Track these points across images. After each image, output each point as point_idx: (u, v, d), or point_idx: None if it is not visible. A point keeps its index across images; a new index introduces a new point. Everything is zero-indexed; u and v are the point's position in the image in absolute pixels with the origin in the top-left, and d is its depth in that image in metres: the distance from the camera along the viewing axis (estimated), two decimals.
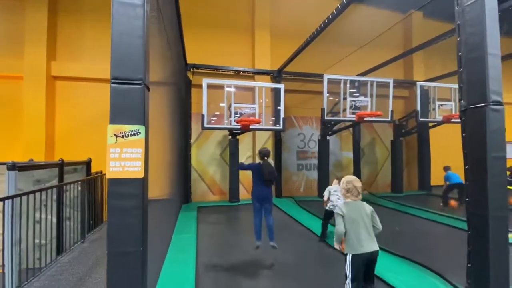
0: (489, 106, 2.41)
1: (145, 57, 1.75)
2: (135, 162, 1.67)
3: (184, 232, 4.97)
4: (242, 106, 6.75)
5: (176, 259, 3.75)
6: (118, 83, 1.67)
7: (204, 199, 8.18)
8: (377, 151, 10.22)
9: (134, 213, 1.65)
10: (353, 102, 7.01)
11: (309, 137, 9.49)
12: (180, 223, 5.58)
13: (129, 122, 1.68)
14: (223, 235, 4.97)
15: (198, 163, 8.30)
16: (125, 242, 1.64)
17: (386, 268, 3.46)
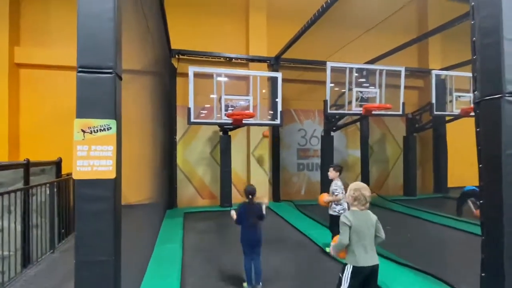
0: (505, 97, 2.46)
1: (117, 42, 1.77)
2: (105, 161, 1.69)
3: (168, 242, 4.99)
4: (234, 98, 6.77)
5: (158, 273, 3.78)
6: (86, 72, 1.68)
7: (191, 204, 8.21)
8: (388, 148, 10.32)
9: (105, 218, 1.68)
10: (360, 93, 7.06)
11: (311, 133, 9.54)
12: (164, 232, 5.60)
13: (99, 116, 1.70)
14: (213, 247, 5.00)
15: (184, 163, 8.32)
16: (95, 250, 1.67)
17: (395, 280, 3.54)
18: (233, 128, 7.50)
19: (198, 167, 8.45)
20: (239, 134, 8.57)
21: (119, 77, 1.83)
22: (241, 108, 6.93)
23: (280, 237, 5.50)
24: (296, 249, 4.84)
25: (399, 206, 7.90)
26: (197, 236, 5.56)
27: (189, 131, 8.30)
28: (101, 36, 1.71)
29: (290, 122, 9.37)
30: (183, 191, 8.22)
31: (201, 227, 6.12)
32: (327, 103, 6.86)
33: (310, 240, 5.19)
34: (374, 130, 10.02)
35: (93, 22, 1.71)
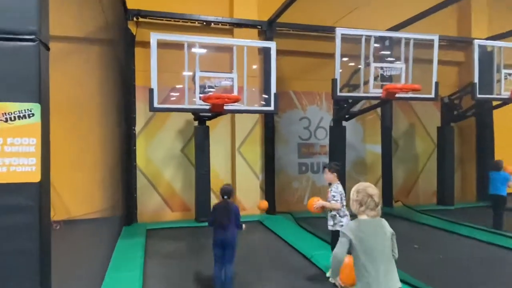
0: None
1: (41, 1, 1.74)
2: (27, 159, 1.68)
3: (124, 269, 4.98)
4: (214, 76, 6.73)
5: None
6: None
7: (157, 218, 8.21)
8: (418, 143, 10.45)
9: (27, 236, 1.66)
10: (381, 70, 7.11)
11: (316, 123, 9.58)
12: (119, 255, 5.58)
13: (17, 98, 1.68)
14: (185, 276, 4.98)
15: (147, 164, 8.28)
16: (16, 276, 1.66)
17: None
18: (212, 117, 7.48)
19: (166, 168, 8.42)
20: (220, 124, 8.56)
21: (45, 46, 1.81)
22: (223, 89, 6.90)
23: (274, 261, 5.54)
24: (295, 277, 4.86)
25: (431, 218, 8.05)
26: (163, 262, 5.55)
27: (153, 120, 8.25)
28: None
29: (289, 109, 9.39)
30: (145, 201, 8.20)
31: (169, 250, 6.10)
32: (337, 83, 6.89)
33: (314, 265, 5.24)
34: (399, 119, 10.13)
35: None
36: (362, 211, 2.42)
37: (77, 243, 6.56)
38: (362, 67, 7.15)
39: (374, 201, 2.41)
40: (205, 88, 6.59)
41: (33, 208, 1.73)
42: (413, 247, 6.04)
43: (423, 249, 5.97)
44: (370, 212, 2.40)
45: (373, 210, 2.41)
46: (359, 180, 9.81)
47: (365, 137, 10.01)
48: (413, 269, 4.80)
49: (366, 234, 2.35)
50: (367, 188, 2.46)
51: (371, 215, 2.41)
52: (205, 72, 6.62)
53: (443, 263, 5.33)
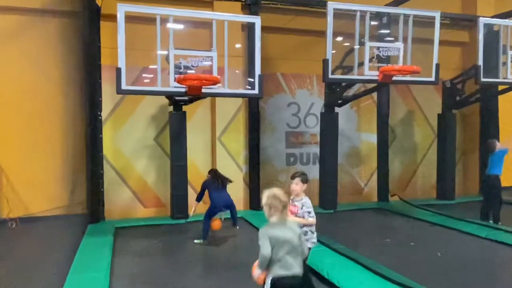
0: None
1: None
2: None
3: (89, 269, 4.95)
4: (190, 55, 6.65)
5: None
6: None
7: (127, 215, 8.19)
8: (417, 131, 10.59)
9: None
10: (377, 51, 7.15)
11: (306, 109, 9.61)
12: (82, 256, 5.54)
13: None
14: (158, 275, 4.99)
15: (116, 154, 8.21)
16: None
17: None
18: (189, 101, 7.44)
19: (137, 159, 8.37)
20: (198, 110, 8.55)
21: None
22: (201, 70, 6.85)
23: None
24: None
25: (429, 213, 8.20)
26: (133, 261, 5.56)
27: (121, 104, 8.15)
28: None
29: (276, 93, 9.39)
30: (114, 196, 8.15)
31: (140, 249, 6.09)
32: (329, 64, 6.92)
33: None
34: (397, 105, 10.24)
35: None
36: (271, 214, 2.93)
37: (36, 243, 6.50)
38: (357, 47, 7.18)
39: (282, 204, 2.93)
40: (180, 69, 6.53)
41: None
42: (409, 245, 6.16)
43: (420, 247, 6.07)
44: (279, 214, 2.93)
45: (281, 212, 2.94)
46: (352, 173, 10.01)
47: (360, 125, 10.10)
48: (408, 268, 4.92)
49: (278, 232, 2.88)
50: (274, 193, 2.97)
51: (280, 217, 2.93)
52: (181, 50, 6.57)
53: (441, 261, 5.41)
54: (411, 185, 10.56)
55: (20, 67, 7.50)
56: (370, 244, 6.23)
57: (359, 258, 5.20)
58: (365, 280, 4.51)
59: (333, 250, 5.59)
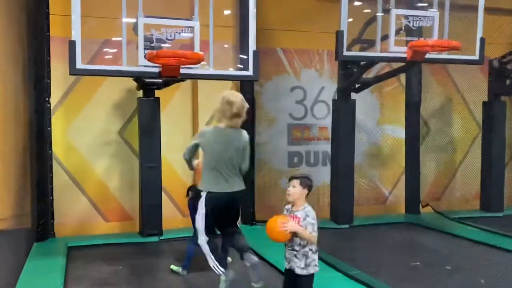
0: None
1: None
2: None
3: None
4: (165, 24, 6.63)
5: None
6: None
7: (83, 231, 8.19)
8: (456, 124, 10.63)
9: None
10: (405, 20, 7.16)
11: (314, 96, 9.64)
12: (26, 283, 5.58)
13: None
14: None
15: (69, 152, 8.20)
16: None
17: None
18: (163, 84, 7.45)
19: (97, 160, 8.37)
20: (176, 96, 8.60)
21: None
22: (180, 45, 6.89)
23: None
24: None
25: (470, 229, 8.26)
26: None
27: (76, 88, 8.12)
28: None
29: (276, 74, 9.40)
30: (66, 207, 8.12)
31: (100, 275, 6.07)
32: (343, 37, 6.92)
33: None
34: (431, 90, 10.25)
35: None
36: (219, 118, 3.60)
37: None
38: (380, 15, 7.19)
39: (231, 110, 3.49)
40: (152, 42, 6.53)
41: None
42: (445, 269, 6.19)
43: (459, 271, 6.11)
44: (227, 121, 3.51)
45: (229, 120, 3.52)
46: (373, 177, 10.02)
47: (383, 115, 10.13)
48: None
49: (215, 140, 3.55)
50: (229, 95, 3.64)
51: (226, 125, 3.53)
52: (153, 17, 6.56)
53: None
54: (448, 193, 10.61)
55: None
56: (395, 268, 6.25)
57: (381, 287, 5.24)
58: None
59: (349, 276, 5.63)
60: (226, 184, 3.70)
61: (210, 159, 3.63)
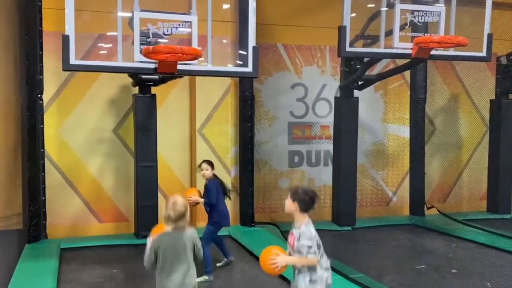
0: None
1: None
2: None
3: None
4: (162, 19, 6.61)
5: None
6: None
7: (76, 233, 8.19)
8: (463, 123, 10.61)
9: None
10: (410, 16, 7.15)
11: (316, 93, 9.62)
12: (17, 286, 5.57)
13: None
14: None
15: (62, 150, 8.20)
16: None
17: None
18: (160, 81, 7.45)
19: (91, 158, 8.37)
20: (173, 93, 8.59)
21: None
22: (177, 40, 6.86)
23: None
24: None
25: (477, 231, 8.23)
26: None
27: (69, 85, 8.13)
28: None
29: (276, 70, 9.38)
30: (59, 207, 8.13)
31: (94, 279, 6.08)
32: (346, 33, 6.91)
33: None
34: (436, 88, 10.25)
35: None
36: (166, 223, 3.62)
37: None
38: (384, 10, 7.18)
39: (171, 215, 3.53)
40: (149, 37, 6.53)
41: None
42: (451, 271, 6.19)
43: (465, 275, 6.10)
44: (170, 224, 3.58)
45: (172, 223, 3.57)
46: (376, 178, 10.00)
47: (387, 114, 10.11)
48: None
49: (165, 245, 3.58)
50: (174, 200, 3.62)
51: (171, 228, 3.60)
52: (149, 11, 6.54)
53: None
54: (454, 194, 10.59)
55: None
56: (399, 272, 6.24)
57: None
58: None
59: (350, 280, 5.63)
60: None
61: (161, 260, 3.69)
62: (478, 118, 10.64)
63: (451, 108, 10.53)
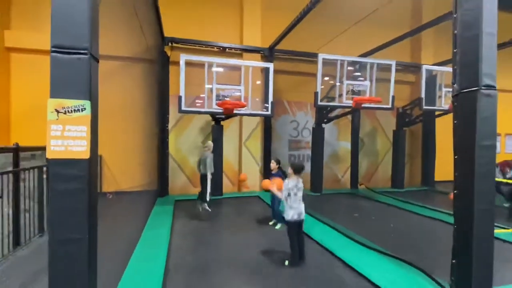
0: (481, 90, 2.50)
1: (93, 22, 1.73)
2: (79, 141, 1.69)
3: (157, 227, 5.02)
4: (225, 88, 6.72)
5: (145, 256, 3.83)
6: (60, 52, 1.66)
7: (183, 192, 8.24)
8: (378, 141, 10.40)
9: (79, 197, 1.68)
10: (351, 86, 7.06)
11: (303, 125, 9.57)
12: (154, 218, 5.63)
13: (73, 96, 1.68)
14: (201, 232, 5.04)
15: (177, 152, 8.31)
16: (69, 228, 1.69)
17: (372, 266, 3.63)
18: (224, 118, 7.47)
19: (190, 156, 8.42)
20: (231, 124, 8.58)
21: (95, 58, 1.81)
22: (234, 98, 6.90)
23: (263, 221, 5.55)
24: (280, 235, 4.79)
25: (386, 197, 8.02)
26: (186, 222, 5.59)
27: (182, 120, 8.26)
28: (75, 16, 1.67)
29: (283, 113, 9.36)
30: (175, 179, 8.23)
31: (190, 215, 6.13)
32: (318, 95, 6.86)
33: None
34: (365, 123, 10.07)
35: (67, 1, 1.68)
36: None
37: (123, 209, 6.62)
38: (337, 84, 7.12)
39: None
40: (220, 97, 6.61)
41: (83, 177, 1.74)
42: (371, 218, 6.02)
43: (378, 220, 5.94)
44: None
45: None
46: (333, 168, 9.66)
47: (339, 136, 9.97)
48: (369, 233, 4.82)
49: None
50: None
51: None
52: (220, 84, 6.64)
53: (393, 230, 5.30)
54: (374, 178, 10.35)
55: (117, 95, 7.69)
56: (344, 217, 6.12)
57: (336, 226, 5.15)
58: (339, 239, 4.47)
59: (319, 220, 5.56)
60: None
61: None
62: (386, 139, 10.38)
63: (372, 134, 10.31)
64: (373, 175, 10.37)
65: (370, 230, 5.15)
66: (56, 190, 1.68)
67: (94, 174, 1.83)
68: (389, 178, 10.01)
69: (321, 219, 5.60)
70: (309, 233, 4.78)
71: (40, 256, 3.81)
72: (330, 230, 4.97)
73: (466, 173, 2.60)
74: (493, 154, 2.52)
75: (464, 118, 2.63)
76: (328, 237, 4.63)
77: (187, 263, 3.81)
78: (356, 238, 4.51)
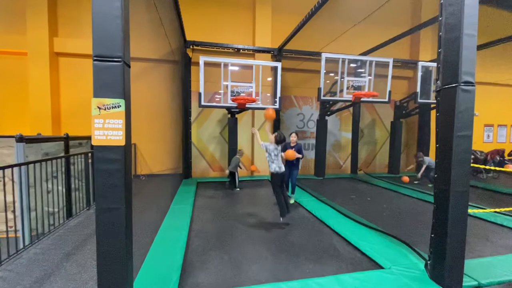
0: (460, 86, 2.50)
1: (125, 36, 1.90)
2: (116, 132, 1.88)
3: (182, 203, 5.28)
4: (239, 85, 6.79)
5: (171, 225, 4.11)
6: (100, 61, 1.84)
7: (203, 175, 8.49)
8: (377, 132, 10.22)
9: (117, 176, 1.89)
10: (351, 82, 6.97)
11: (308, 117, 9.53)
12: (179, 196, 5.90)
13: (111, 96, 1.86)
14: (218, 207, 5.27)
15: (198, 141, 8.52)
16: (109, 200, 1.91)
17: (363, 239, 3.74)
18: (238, 112, 7.50)
19: (210, 144, 8.61)
20: (245, 117, 8.67)
21: (127, 64, 1.97)
22: (246, 94, 6.95)
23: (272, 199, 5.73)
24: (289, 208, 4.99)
25: (382, 182, 7.97)
26: (206, 199, 5.82)
27: (202, 113, 8.42)
28: (111, 31, 1.84)
29: (290, 107, 9.34)
30: (197, 164, 8.47)
31: (210, 193, 6.33)
32: (321, 91, 6.83)
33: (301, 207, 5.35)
34: (365, 115, 9.91)
35: (104, 20, 1.83)
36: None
37: (155, 188, 6.93)
38: (339, 80, 7.06)
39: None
40: (234, 93, 6.68)
41: (120, 160, 1.94)
42: (367, 200, 6.07)
43: (374, 201, 5.97)
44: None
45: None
46: (335, 156, 9.64)
47: (341, 127, 9.85)
48: (365, 213, 4.90)
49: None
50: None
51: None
52: (235, 82, 6.70)
53: (387, 210, 5.33)
54: (372, 164, 10.22)
55: (146, 92, 7.93)
56: (343, 198, 6.16)
57: (336, 206, 5.24)
58: (337, 217, 4.57)
59: (321, 201, 5.66)
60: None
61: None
62: (385, 130, 10.17)
63: (372, 125, 10.12)
64: (372, 162, 10.27)
65: (365, 209, 5.21)
66: (99, 170, 1.89)
67: (129, 158, 2.03)
68: (386, 165, 9.88)
69: (322, 200, 5.70)
70: (312, 211, 4.91)
71: (88, 225, 4.17)
72: (330, 209, 5.08)
73: (445, 160, 2.63)
74: (469, 143, 2.53)
75: (445, 111, 2.65)
76: (328, 214, 4.74)
77: (206, 230, 4.07)
78: (352, 216, 4.60)
